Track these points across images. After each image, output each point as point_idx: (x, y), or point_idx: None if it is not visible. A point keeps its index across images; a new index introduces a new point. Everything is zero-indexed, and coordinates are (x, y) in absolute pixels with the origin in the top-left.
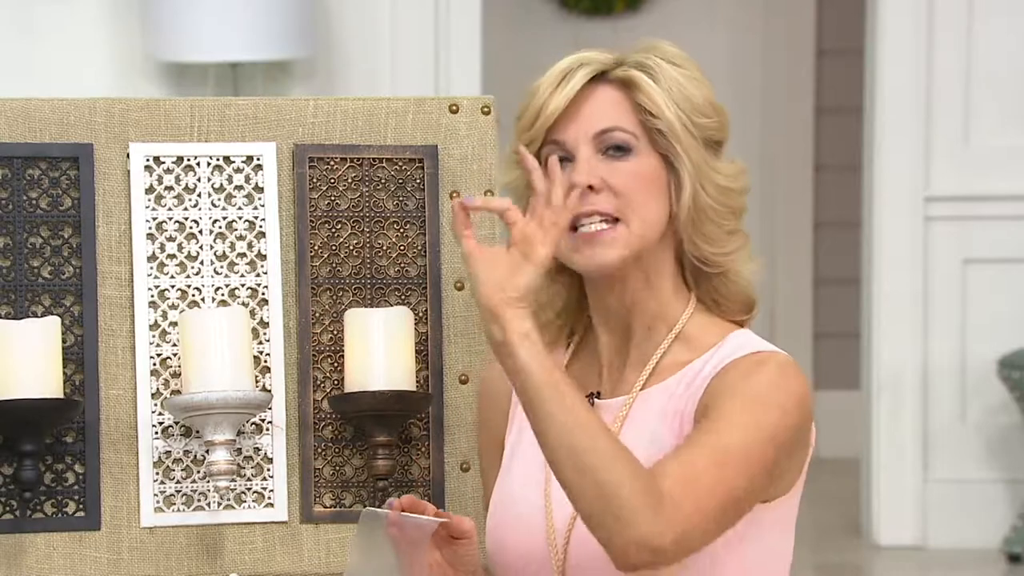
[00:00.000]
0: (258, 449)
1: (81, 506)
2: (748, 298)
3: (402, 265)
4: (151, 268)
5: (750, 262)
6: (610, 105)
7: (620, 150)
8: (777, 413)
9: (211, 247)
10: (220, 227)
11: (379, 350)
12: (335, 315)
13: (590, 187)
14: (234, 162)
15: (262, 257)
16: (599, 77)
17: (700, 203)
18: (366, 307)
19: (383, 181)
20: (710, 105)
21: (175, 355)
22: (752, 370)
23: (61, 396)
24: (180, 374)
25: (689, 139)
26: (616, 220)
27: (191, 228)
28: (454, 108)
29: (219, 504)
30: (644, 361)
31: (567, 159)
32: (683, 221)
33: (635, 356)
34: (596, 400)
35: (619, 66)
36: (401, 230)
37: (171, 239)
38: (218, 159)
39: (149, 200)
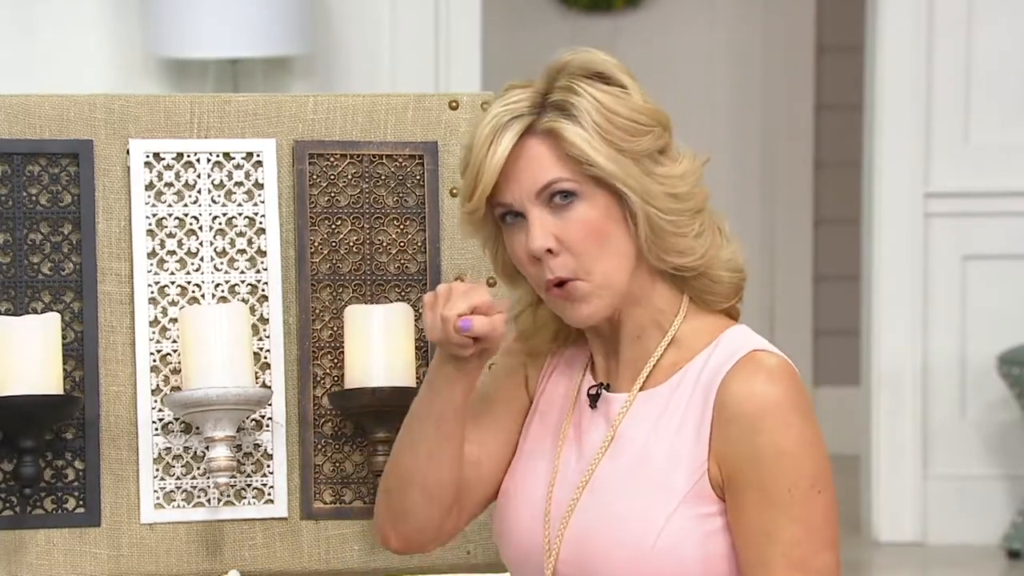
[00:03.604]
0: (258, 445)
1: (81, 502)
2: (734, 284)
3: (402, 261)
4: (151, 264)
5: (726, 249)
6: (543, 159)
7: (567, 196)
8: (807, 463)
9: (211, 243)
10: (220, 223)
11: (379, 346)
12: (335, 311)
13: (548, 251)
14: (234, 158)
15: (262, 253)
16: (527, 130)
17: (655, 224)
18: (366, 303)
19: (383, 177)
20: (642, 117)
21: (175, 351)
22: (758, 422)
23: (61, 392)
24: (180, 370)
25: (627, 169)
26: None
27: (191, 224)
28: (454, 104)
29: (219, 500)
30: (638, 365)
31: (519, 214)
32: (645, 246)
33: (628, 360)
34: (605, 392)
35: (543, 111)
36: (401, 226)
37: (171, 235)
38: (218, 155)
39: (149, 196)
